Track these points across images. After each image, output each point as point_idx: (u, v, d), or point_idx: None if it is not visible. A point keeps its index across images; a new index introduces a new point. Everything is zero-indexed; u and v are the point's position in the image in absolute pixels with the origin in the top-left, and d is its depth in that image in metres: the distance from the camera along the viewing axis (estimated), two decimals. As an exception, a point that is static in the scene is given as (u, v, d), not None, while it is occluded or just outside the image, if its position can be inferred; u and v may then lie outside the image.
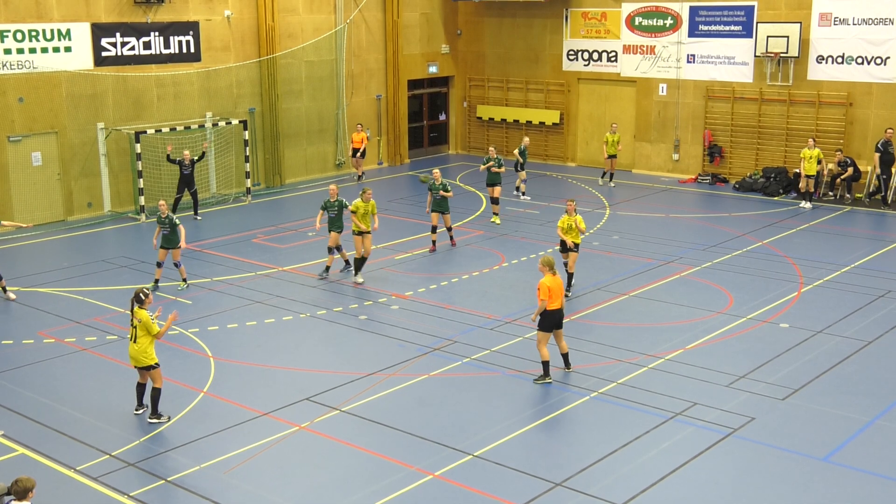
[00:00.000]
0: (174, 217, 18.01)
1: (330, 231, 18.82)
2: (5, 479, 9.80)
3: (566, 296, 16.60)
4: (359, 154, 28.73)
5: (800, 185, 25.15)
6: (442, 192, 20.48)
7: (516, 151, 26.11)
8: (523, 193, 26.14)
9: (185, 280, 18.20)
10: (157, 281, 18.09)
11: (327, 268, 18.90)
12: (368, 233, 18.51)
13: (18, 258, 20.74)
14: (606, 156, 27.54)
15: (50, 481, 10.87)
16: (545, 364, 13.61)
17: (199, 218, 24.07)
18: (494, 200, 23.25)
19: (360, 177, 29.02)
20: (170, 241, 17.85)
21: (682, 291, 17.89)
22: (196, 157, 23.93)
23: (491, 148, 24.45)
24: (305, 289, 18.24)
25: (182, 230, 18.04)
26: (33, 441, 12.01)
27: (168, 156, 23.70)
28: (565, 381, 13.75)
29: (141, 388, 12.75)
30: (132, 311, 12.31)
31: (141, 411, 12.75)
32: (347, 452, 11.75)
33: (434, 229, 20.69)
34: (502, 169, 23.29)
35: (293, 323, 16.41)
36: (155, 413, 12.53)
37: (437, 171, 20.80)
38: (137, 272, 19.34)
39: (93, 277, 18.83)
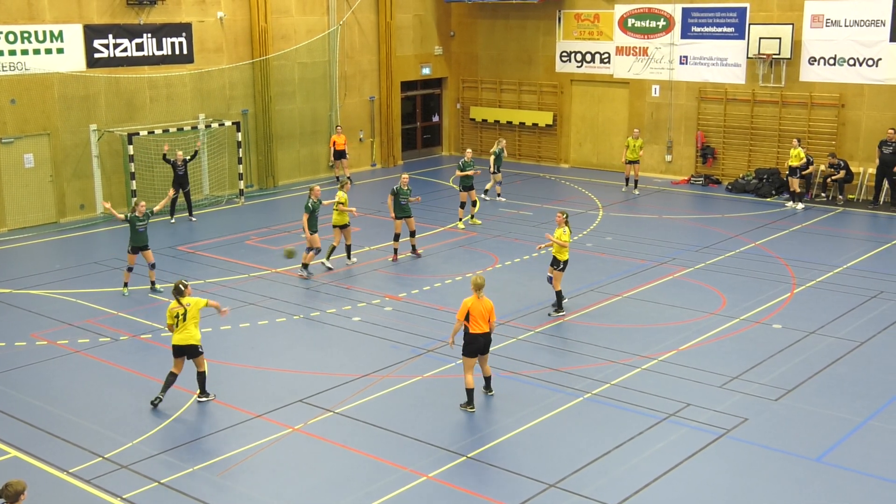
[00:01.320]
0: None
1: (314, 233, 18.84)
2: (-3, 481, 9.78)
3: (549, 314, 16.63)
4: (343, 157, 28.62)
5: (789, 185, 25.18)
6: (410, 199, 20.08)
7: (491, 154, 25.94)
8: (498, 195, 25.99)
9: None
10: (125, 284, 18.05)
11: (305, 265, 19.01)
12: (348, 225, 19.67)
13: (11, 260, 20.68)
14: (626, 161, 27.09)
15: (42, 484, 10.84)
16: (468, 392, 12.81)
17: (194, 219, 24.02)
18: (474, 203, 23.33)
19: (348, 179, 28.83)
20: (143, 239, 17.82)
21: (675, 293, 17.92)
22: (188, 157, 23.87)
23: (468, 150, 24.35)
24: (299, 290, 18.22)
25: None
26: (25, 443, 11.97)
27: (164, 155, 23.65)
28: (559, 382, 13.75)
29: (172, 377, 13.02)
30: (179, 301, 12.83)
31: (159, 400, 12.97)
32: (341, 454, 11.74)
33: (397, 237, 20.14)
34: (477, 172, 23.39)
35: (286, 325, 16.39)
36: (204, 391, 13.20)
37: (405, 176, 20.58)
38: (131, 274, 19.26)
39: (85, 279, 18.78)
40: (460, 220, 23.14)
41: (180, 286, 13.00)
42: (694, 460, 11.47)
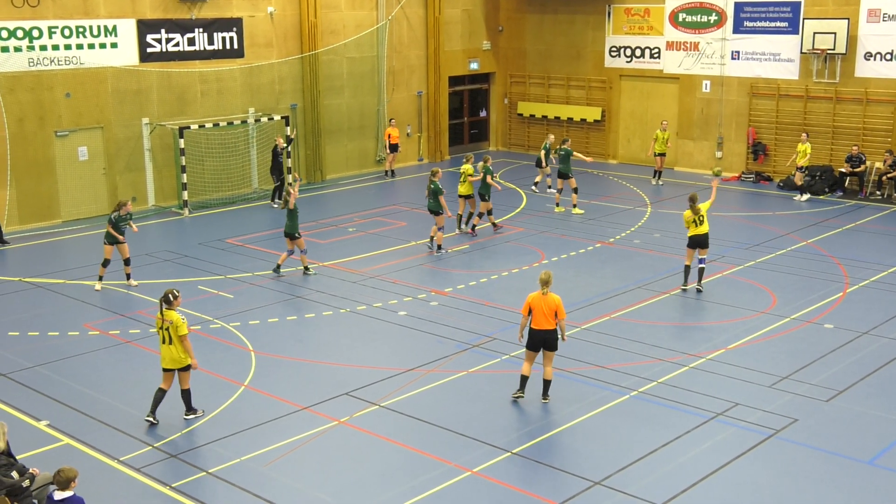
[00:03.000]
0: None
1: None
2: (50, 468, 9.98)
3: (699, 290, 17.43)
4: (396, 150, 29.01)
5: (795, 179, 25.24)
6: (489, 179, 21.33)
7: (542, 150, 26.48)
8: (549, 187, 26.29)
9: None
10: (100, 279, 18.15)
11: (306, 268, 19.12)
12: (472, 195, 21.85)
13: (65, 251, 21.07)
14: (654, 153, 27.27)
15: (93, 471, 11.03)
16: (522, 378, 12.93)
17: (275, 205, 25.14)
18: (490, 211, 22.12)
19: (392, 173, 29.07)
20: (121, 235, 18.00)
21: (724, 290, 17.70)
22: (286, 144, 25.28)
23: (487, 156, 23.18)
24: (345, 284, 18.32)
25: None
26: (77, 431, 12.19)
27: (276, 147, 24.96)
28: (605, 379, 13.65)
29: (161, 394, 12.34)
30: (161, 311, 12.15)
31: (152, 419, 12.30)
32: (386, 448, 11.78)
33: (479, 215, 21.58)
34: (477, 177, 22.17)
35: (333, 318, 16.49)
36: (191, 409, 12.51)
37: (479, 158, 21.32)
38: (181, 266, 19.55)
39: (137, 271, 19.06)
40: (459, 227, 22.14)
41: (170, 296, 12.18)
42: (741, 461, 11.32)
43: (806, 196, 25.27)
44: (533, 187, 26.37)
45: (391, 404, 12.94)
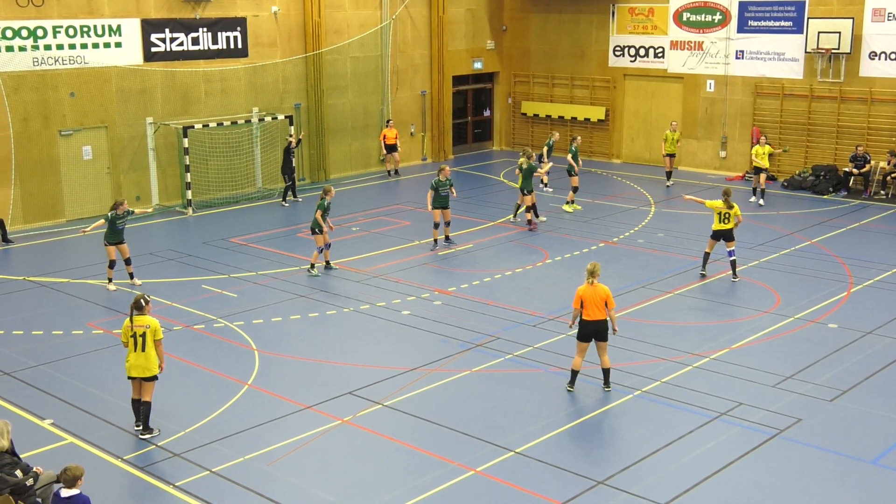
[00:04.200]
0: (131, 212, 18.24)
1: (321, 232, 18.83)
2: (55, 467, 10.00)
3: (734, 279, 17.95)
4: (394, 151, 28.93)
5: (753, 183, 25.12)
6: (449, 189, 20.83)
7: (545, 147, 26.79)
8: (545, 185, 26.38)
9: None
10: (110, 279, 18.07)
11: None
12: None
13: (69, 250, 21.09)
14: (665, 154, 27.16)
15: (98, 470, 11.04)
16: (573, 372, 13.23)
17: (300, 199, 25.45)
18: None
19: (395, 172, 29.10)
20: (120, 235, 17.88)
21: (728, 290, 17.67)
22: (295, 144, 25.51)
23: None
24: (349, 283, 18.32)
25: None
26: (81, 430, 12.21)
27: (289, 145, 25.17)
28: (610, 379, 13.63)
29: (138, 404, 11.99)
30: (131, 319, 11.72)
31: (141, 427, 12.03)
32: (390, 447, 11.79)
33: (436, 226, 20.93)
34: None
35: (337, 317, 16.49)
36: (147, 428, 11.97)
37: (446, 168, 20.85)
38: (184, 265, 19.57)
39: (140, 270, 19.07)
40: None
41: (141, 301, 11.76)
42: (745, 460, 11.31)
43: (762, 201, 24.78)
44: (542, 186, 26.26)
45: (395, 403, 12.94)
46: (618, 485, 10.75)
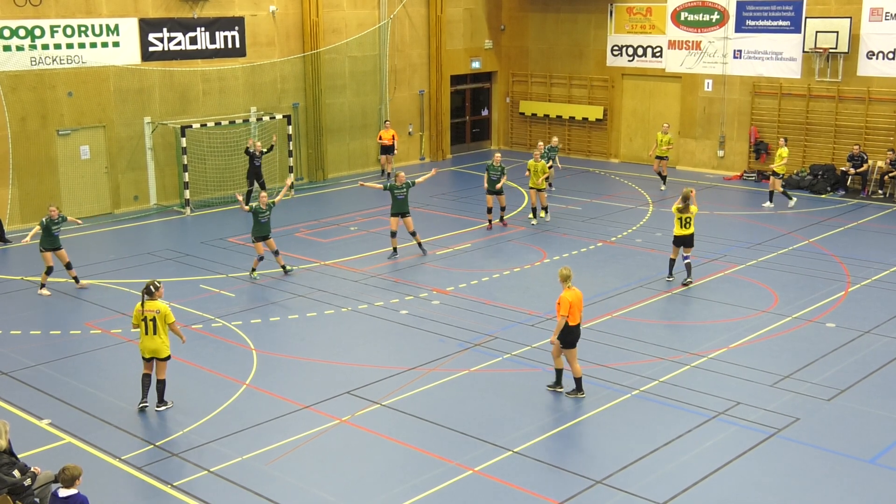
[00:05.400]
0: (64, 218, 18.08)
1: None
2: (53, 466, 10.00)
3: (686, 283, 17.78)
4: (390, 152, 28.59)
5: (770, 185, 24.53)
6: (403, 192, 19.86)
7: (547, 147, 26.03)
8: (549, 185, 25.64)
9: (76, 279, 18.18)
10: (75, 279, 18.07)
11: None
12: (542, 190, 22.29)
13: (66, 250, 21.03)
14: (655, 156, 26.87)
15: (95, 470, 11.03)
16: (577, 381, 13.01)
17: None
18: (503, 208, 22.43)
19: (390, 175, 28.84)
20: (57, 241, 17.81)
21: (726, 289, 17.69)
22: (265, 149, 24.69)
23: (497, 155, 22.96)
24: (347, 283, 18.32)
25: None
26: (79, 430, 12.20)
27: (247, 148, 24.33)
28: (607, 378, 13.65)
29: (147, 379, 12.65)
30: (142, 303, 12.39)
31: (146, 405, 12.64)
32: (388, 446, 11.79)
33: (393, 234, 19.83)
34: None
35: (335, 317, 16.50)
36: (162, 401, 12.68)
37: (401, 174, 20.05)
38: (183, 265, 19.56)
39: (139, 270, 19.08)
40: (490, 222, 22.25)
41: (151, 287, 12.45)
42: (743, 460, 11.32)
43: (772, 204, 24.41)
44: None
45: (393, 403, 12.95)
46: (615, 484, 10.76)
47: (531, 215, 22.85)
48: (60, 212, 18.22)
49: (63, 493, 8.98)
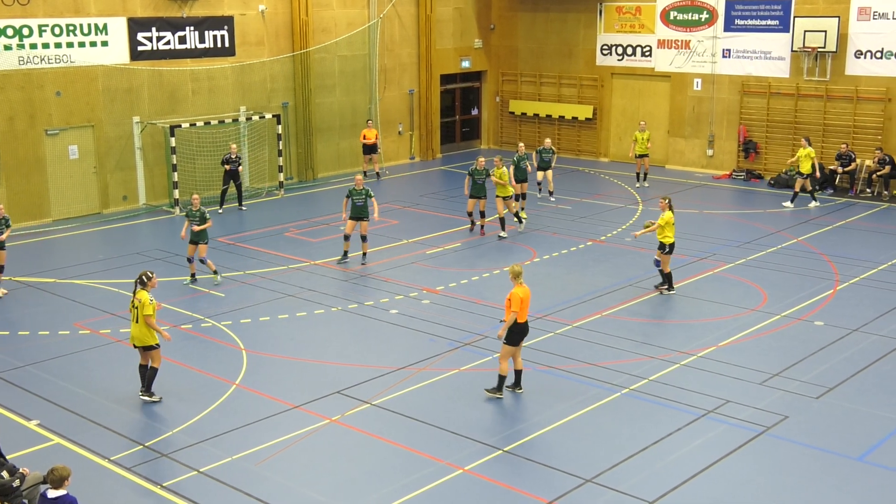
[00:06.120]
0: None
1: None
2: (41, 467, 9.96)
3: (661, 293, 17.23)
4: (374, 152, 28.53)
5: (796, 185, 24.45)
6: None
7: (535, 152, 25.70)
8: (550, 193, 25.24)
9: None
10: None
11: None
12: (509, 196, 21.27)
13: (55, 250, 21.01)
14: (635, 155, 26.98)
15: (84, 471, 11.00)
16: (501, 379, 12.94)
17: (244, 208, 24.48)
18: (523, 195, 23.32)
19: (377, 174, 28.76)
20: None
21: (715, 288, 17.74)
22: (237, 159, 24.13)
23: (521, 144, 24.23)
24: (337, 282, 18.31)
25: None
26: (68, 431, 12.16)
27: (230, 155, 23.89)
28: (597, 377, 13.68)
29: (144, 369, 13.04)
30: (134, 292, 12.74)
31: (146, 396, 13.04)
32: (378, 446, 11.79)
33: (346, 237, 19.35)
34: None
35: (325, 316, 16.48)
36: (148, 391, 12.94)
37: (359, 177, 19.51)
38: (172, 265, 19.51)
39: (128, 270, 19.01)
40: (521, 211, 22.46)
41: (143, 277, 12.76)
42: (732, 458, 11.36)
43: (791, 204, 24.34)
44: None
45: (383, 403, 12.94)
46: (605, 483, 10.79)
47: (502, 232, 21.28)
48: (4, 213, 17.98)
49: (52, 494, 8.95)
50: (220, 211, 24.06)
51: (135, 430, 12.18)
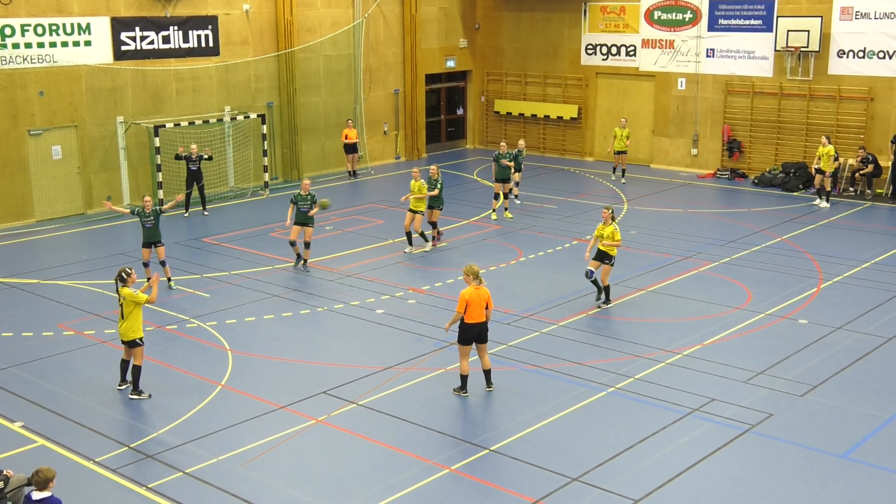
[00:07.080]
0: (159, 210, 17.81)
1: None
2: (25, 469, 9.90)
3: (599, 306, 16.63)
4: (354, 151, 28.50)
5: (815, 181, 24.81)
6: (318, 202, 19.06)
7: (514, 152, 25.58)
8: (515, 196, 24.79)
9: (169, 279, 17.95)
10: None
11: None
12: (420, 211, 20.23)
13: (38, 251, 20.89)
14: (614, 151, 27.36)
15: (69, 472, 10.94)
16: (463, 378, 13.02)
17: (206, 213, 24.05)
18: (506, 195, 23.25)
19: (353, 173, 28.72)
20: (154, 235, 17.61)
21: (699, 287, 17.81)
22: (204, 155, 23.86)
23: (503, 143, 24.15)
24: (322, 282, 18.28)
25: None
26: (52, 432, 12.10)
27: (177, 154, 23.59)
28: (582, 376, 13.72)
29: (125, 364, 13.20)
30: (117, 290, 12.90)
31: (124, 387, 13.26)
32: (364, 446, 11.78)
33: (292, 244, 19.08)
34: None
35: (310, 316, 16.45)
36: (136, 390, 13.06)
37: (306, 181, 19.25)
38: (156, 265, 19.39)
39: (112, 270, 18.88)
40: (493, 210, 23.09)
41: (123, 274, 12.90)
42: (718, 456, 11.41)
43: (827, 203, 24.18)
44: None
45: (369, 403, 12.93)
46: (592, 481, 10.81)
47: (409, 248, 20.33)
48: None
49: (36, 496, 8.90)
50: (186, 215, 23.82)
51: (120, 432, 12.13)
